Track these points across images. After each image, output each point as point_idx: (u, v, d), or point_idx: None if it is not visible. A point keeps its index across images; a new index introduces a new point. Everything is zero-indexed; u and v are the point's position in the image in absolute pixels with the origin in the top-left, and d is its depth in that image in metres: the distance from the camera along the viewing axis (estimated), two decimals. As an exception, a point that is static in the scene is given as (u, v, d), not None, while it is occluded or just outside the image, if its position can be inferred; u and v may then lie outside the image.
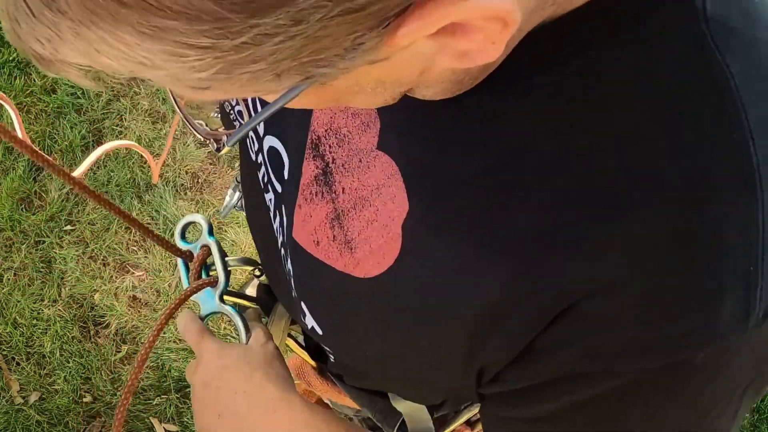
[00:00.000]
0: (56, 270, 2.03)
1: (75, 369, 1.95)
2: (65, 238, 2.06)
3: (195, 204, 2.15)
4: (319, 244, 0.54)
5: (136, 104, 2.20)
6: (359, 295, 0.52)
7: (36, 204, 2.08)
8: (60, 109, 2.14)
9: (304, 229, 0.55)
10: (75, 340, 1.98)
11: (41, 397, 1.93)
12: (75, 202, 2.09)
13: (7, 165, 2.09)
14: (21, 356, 1.96)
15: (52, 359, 1.95)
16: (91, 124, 2.16)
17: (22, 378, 1.94)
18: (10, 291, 2.00)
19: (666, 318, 0.40)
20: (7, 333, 1.97)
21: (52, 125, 2.13)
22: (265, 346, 0.70)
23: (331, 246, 0.53)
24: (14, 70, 2.15)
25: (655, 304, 0.40)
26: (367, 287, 0.51)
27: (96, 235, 2.07)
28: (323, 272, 0.54)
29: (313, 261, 0.55)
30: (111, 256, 2.06)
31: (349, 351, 0.61)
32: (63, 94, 2.14)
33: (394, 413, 0.83)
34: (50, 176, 2.09)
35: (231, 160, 2.20)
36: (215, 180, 2.19)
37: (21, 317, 1.98)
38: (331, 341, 0.61)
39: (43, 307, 2.00)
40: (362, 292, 0.52)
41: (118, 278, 2.05)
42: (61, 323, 1.98)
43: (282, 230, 0.60)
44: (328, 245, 0.53)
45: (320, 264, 0.54)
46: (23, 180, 2.07)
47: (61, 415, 1.91)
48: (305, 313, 0.59)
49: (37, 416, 1.90)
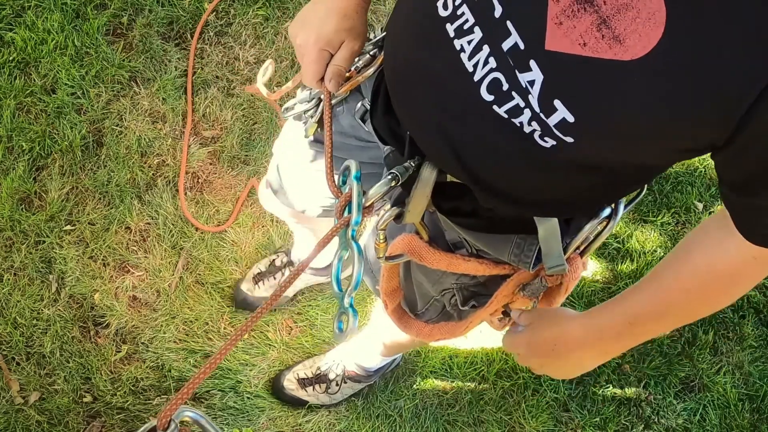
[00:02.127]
0: (56, 270, 2.03)
1: (75, 369, 1.95)
2: (65, 238, 2.06)
3: (195, 204, 2.15)
4: (587, 45, 0.68)
5: (136, 104, 2.20)
6: (626, 75, 0.67)
7: (36, 204, 2.08)
8: (60, 109, 2.14)
9: (567, 37, 0.69)
10: (75, 340, 1.98)
11: (41, 397, 1.93)
12: (75, 202, 2.09)
13: (7, 165, 2.09)
14: (21, 356, 1.96)
15: (52, 359, 1.95)
16: (91, 124, 2.16)
17: (22, 378, 1.94)
18: (10, 291, 2.00)
19: None
20: (7, 333, 1.97)
21: (52, 125, 2.13)
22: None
23: (600, 43, 0.67)
24: (14, 70, 2.15)
25: None
26: (634, 67, 0.66)
27: (96, 235, 2.07)
28: (590, 66, 0.68)
29: (577, 59, 0.69)
30: (111, 256, 2.06)
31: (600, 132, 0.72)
32: (63, 94, 2.14)
33: (531, 244, 0.99)
34: (50, 176, 2.10)
35: (231, 160, 2.20)
36: (215, 180, 2.19)
37: (21, 317, 1.98)
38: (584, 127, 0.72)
39: (43, 307, 2.00)
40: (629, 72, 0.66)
41: (118, 278, 2.05)
42: (61, 323, 1.98)
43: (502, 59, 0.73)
44: (597, 43, 0.68)
45: (587, 60, 0.68)
46: (23, 180, 2.07)
47: (61, 415, 1.91)
48: (557, 109, 0.71)
49: (37, 416, 1.90)
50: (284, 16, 2.36)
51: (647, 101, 0.67)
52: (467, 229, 1.03)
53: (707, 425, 2.18)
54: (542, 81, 0.72)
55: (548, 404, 2.11)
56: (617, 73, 0.67)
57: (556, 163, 0.79)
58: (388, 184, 0.91)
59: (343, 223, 0.87)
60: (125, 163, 2.13)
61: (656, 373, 2.20)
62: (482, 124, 0.80)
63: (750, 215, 0.76)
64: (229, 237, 2.14)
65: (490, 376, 2.12)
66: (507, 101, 0.75)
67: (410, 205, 0.96)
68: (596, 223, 0.99)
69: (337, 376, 1.97)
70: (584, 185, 0.85)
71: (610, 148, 0.75)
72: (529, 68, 0.72)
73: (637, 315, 0.89)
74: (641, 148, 0.74)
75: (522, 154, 0.79)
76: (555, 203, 0.91)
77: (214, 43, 2.30)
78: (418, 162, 0.93)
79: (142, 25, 2.25)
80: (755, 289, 2.37)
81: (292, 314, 2.10)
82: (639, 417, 2.17)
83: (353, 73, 1.07)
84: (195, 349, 2.01)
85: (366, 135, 1.15)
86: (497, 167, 0.84)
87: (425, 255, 1.07)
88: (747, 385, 2.25)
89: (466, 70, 0.77)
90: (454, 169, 0.89)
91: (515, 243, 1.00)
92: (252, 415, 1.98)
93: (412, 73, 0.87)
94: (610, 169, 0.80)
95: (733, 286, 0.85)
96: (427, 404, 2.08)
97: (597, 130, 0.72)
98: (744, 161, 0.70)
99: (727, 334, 2.31)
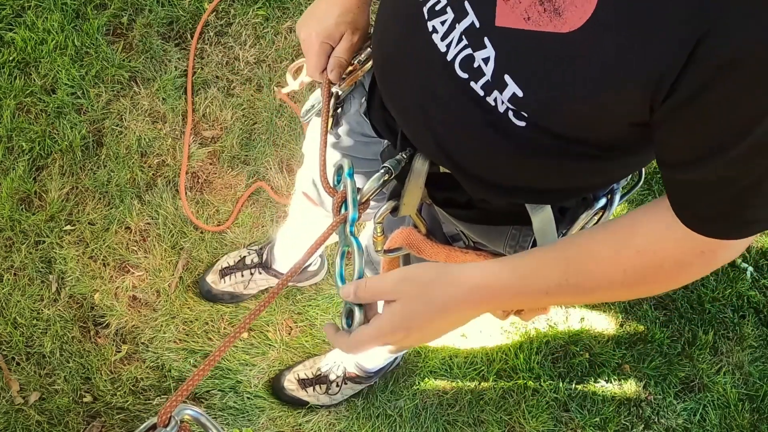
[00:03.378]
0: (56, 270, 2.03)
1: (75, 369, 1.95)
2: (65, 238, 2.06)
3: (195, 204, 2.15)
4: (530, 19, 0.71)
5: (136, 104, 2.20)
6: (566, 47, 0.69)
7: (36, 204, 2.08)
8: (60, 109, 2.14)
9: (513, 12, 0.72)
10: (75, 340, 1.98)
11: (41, 397, 1.93)
12: (75, 202, 2.09)
13: (7, 165, 2.09)
14: (21, 356, 1.96)
15: (52, 359, 1.95)
16: (91, 124, 2.16)
17: (22, 378, 1.94)
18: (10, 291, 2.00)
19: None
20: (7, 333, 1.97)
21: (52, 125, 2.13)
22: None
23: (542, 17, 0.70)
24: (14, 70, 2.15)
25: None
26: (573, 39, 0.68)
27: (96, 235, 2.07)
28: (534, 40, 0.71)
29: (523, 34, 0.71)
30: (111, 256, 2.06)
31: (548, 105, 0.74)
32: (63, 94, 2.14)
33: (526, 235, 1.00)
34: (50, 176, 2.10)
35: (231, 160, 2.20)
36: (215, 180, 2.19)
37: (21, 317, 1.98)
38: (533, 101, 0.74)
39: (43, 307, 2.00)
40: (569, 44, 0.69)
41: (118, 278, 2.05)
42: (61, 323, 1.98)
43: (465, 38, 0.76)
44: (539, 17, 0.70)
45: (531, 34, 0.71)
46: (23, 180, 2.07)
47: (61, 415, 1.91)
48: (507, 84, 0.74)
49: (37, 416, 1.90)
50: (284, 16, 2.36)
51: (587, 72, 0.69)
52: (463, 220, 1.04)
53: (707, 425, 2.18)
54: (494, 57, 0.74)
55: (548, 404, 2.11)
56: (558, 45, 0.70)
57: (527, 143, 0.79)
58: (380, 179, 0.93)
59: (340, 220, 0.89)
60: (125, 163, 2.13)
61: (656, 373, 2.20)
62: (459, 106, 0.81)
63: (681, 191, 0.73)
64: (228, 237, 2.14)
65: (490, 376, 2.12)
66: (480, 77, 0.77)
67: (405, 198, 0.97)
68: (592, 213, 0.99)
69: (337, 377, 1.97)
70: (555, 167, 0.84)
71: (562, 122, 0.75)
72: (484, 45, 0.75)
73: (559, 285, 0.79)
74: (593, 122, 0.74)
75: (496, 135, 0.80)
76: (536, 189, 0.90)
77: (214, 43, 2.31)
78: (410, 154, 0.95)
79: (142, 25, 2.25)
80: (755, 289, 2.37)
81: (292, 314, 2.10)
82: (639, 417, 2.17)
83: (356, 67, 1.09)
84: (195, 349, 2.02)
85: (369, 130, 1.18)
86: (476, 152, 0.85)
87: (423, 248, 1.08)
88: (747, 385, 2.25)
89: (439, 51, 0.79)
90: (438, 157, 0.91)
91: (510, 234, 1.01)
92: (252, 415, 1.98)
93: (395, 61, 0.89)
94: (574, 147, 0.79)
95: (674, 276, 0.79)
96: (427, 404, 2.08)
97: (545, 104, 0.73)
98: (677, 133, 0.69)
99: (727, 334, 2.31)
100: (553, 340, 2.18)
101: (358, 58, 1.08)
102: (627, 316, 2.27)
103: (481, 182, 0.90)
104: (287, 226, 1.93)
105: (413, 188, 0.96)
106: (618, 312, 2.27)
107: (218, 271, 2.04)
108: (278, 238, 2.00)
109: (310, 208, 1.53)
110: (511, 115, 0.77)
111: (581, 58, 0.69)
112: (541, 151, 0.80)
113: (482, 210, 0.99)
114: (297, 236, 1.85)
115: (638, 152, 0.84)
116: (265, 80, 2.28)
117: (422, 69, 0.83)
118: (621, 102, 0.70)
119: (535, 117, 0.76)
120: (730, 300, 2.34)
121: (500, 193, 0.91)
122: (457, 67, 0.78)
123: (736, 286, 2.35)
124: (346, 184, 0.90)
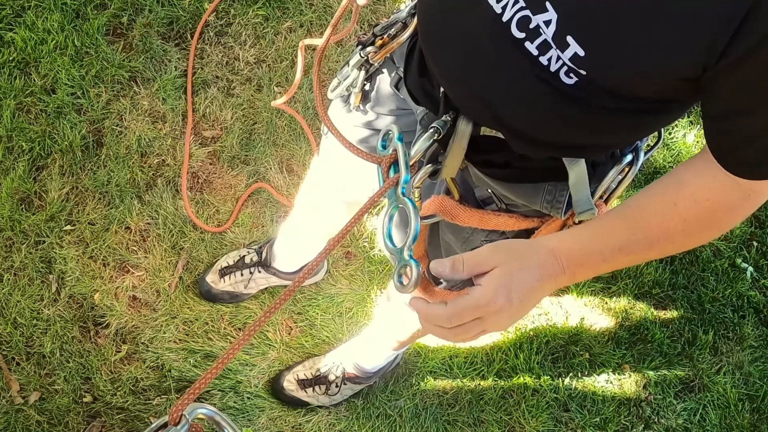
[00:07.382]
0: (56, 270, 2.03)
1: (75, 369, 1.95)
2: (65, 238, 2.06)
3: (195, 204, 2.15)
4: None
5: (136, 104, 2.20)
6: (627, 5, 0.73)
7: (36, 204, 2.08)
8: (60, 109, 2.14)
9: None
10: (75, 340, 1.98)
11: (41, 397, 1.93)
12: (75, 202, 2.09)
13: (7, 165, 2.09)
14: (21, 356, 1.96)
15: (52, 359, 1.95)
16: (91, 124, 2.16)
17: (22, 378, 1.94)
18: (10, 291, 2.00)
19: None
20: (7, 333, 1.97)
21: (52, 125, 2.13)
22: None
23: None
24: (14, 70, 2.15)
25: None
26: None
27: (96, 235, 2.07)
28: (599, 1, 0.74)
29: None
30: (111, 256, 2.06)
31: (610, 64, 0.78)
32: (63, 94, 2.14)
33: (562, 190, 1.03)
34: (50, 176, 2.10)
35: (231, 160, 2.20)
36: (215, 180, 2.19)
37: (21, 317, 1.98)
38: (595, 60, 0.78)
39: (43, 307, 2.00)
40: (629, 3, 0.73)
41: (118, 278, 2.05)
42: (61, 323, 1.98)
43: (522, 0, 0.79)
44: None
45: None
46: (23, 180, 2.07)
47: (61, 415, 1.91)
48: (569, 45, 0.78)
49: (37, 416, 1.90)
50: (284, 16, 2.36)
51: (653, 32, 0.74)
52: (500, 180, 1.06)
53: (707, 425, 2.18)
54: (556, 20, 0.78)
55: (548, 404, 2.11)
56: (626, 3, 0.74)
57: (577, 99, 0.83)
58: (430, 138, 0.95)
59: (392, 182, 0.90)
60: (125, 163, 2.13)
61: (656, 373, 2.20)
62: (512, 68, 0.84)
63: (727, 140, 0.81)
64: (228, 237, 2.14)
65: (490, 376, 2.12)
66: (537, 37, 0.80)
67: (447, 160, 0.99)
68: (620, 168, 1.04)
69: (336, 377, 1.97)
70: (600, 122, 0.88)
71: (618, 79, 0.80)
72: (545, 9, 0.78)
73: (629, 241, 0.87)
74: (646, 79, 0.79)
75: (546, 92, 0.83)
76: (579, 144, 0.95)
77: (214, 43, 2.31)
78: (454, 116, 0.96)
79: (142, 25, 2.25)
80: (755, 289, 2.37)
81: (292, 314, 2.10)
82: (639, 417, 2.17)
83: (386, 40, 1.12)
84: (195, 349, 2.02)
85: (399, 103, 1.20)
86: (523, 109, 0.88)
87: (457, 213, 1.10)
88: (747, 385, 2.25)
89: (495, 13, 0.82)
90: (487, 119, 0.93)
91: (546, 190, 1.05)
92: (252, 415, 1.98)
93: (443, 28, 0.91)
94: (621, 103, 0.84)
95: (727, 219, 0.87)
96: (427, 404, 2.08)
97: (607, 63, 0.78)
98: (727, 88, 0.76)
99: (727, 334, 2.31)
100: (553, 340, 2.18)
101: (389, 32, 1.10)
102: (627, 316, 2.27)
103: (527, 139, 0.92)
104: (290, 222, 1.93)
105: (456, 150, 0.98)
106: (618, 312, 2.27)
107: (218, 270, 2.04)
108: (279, 235, 2.00)
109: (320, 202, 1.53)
110: (562, 73, 0.81)
111: (641, 17, 0.73)
112: (589, 107, 0.84)
113: (520, 169, 1.02)
114: (299, 232, 1.85)
115: (682, 106, 0.90)
116: (265, 80, 2.28)
117: (473, 29, 0.86)
118: (676, 60, 0.75)
119: (593, 75, 0.80)
120: (730, 300, 2.34)
121: (544, 148, 0.94)
122: (514, 27, 0.81)
123: (736, 286, 2.35)
124: (397, 148, 0.91)
